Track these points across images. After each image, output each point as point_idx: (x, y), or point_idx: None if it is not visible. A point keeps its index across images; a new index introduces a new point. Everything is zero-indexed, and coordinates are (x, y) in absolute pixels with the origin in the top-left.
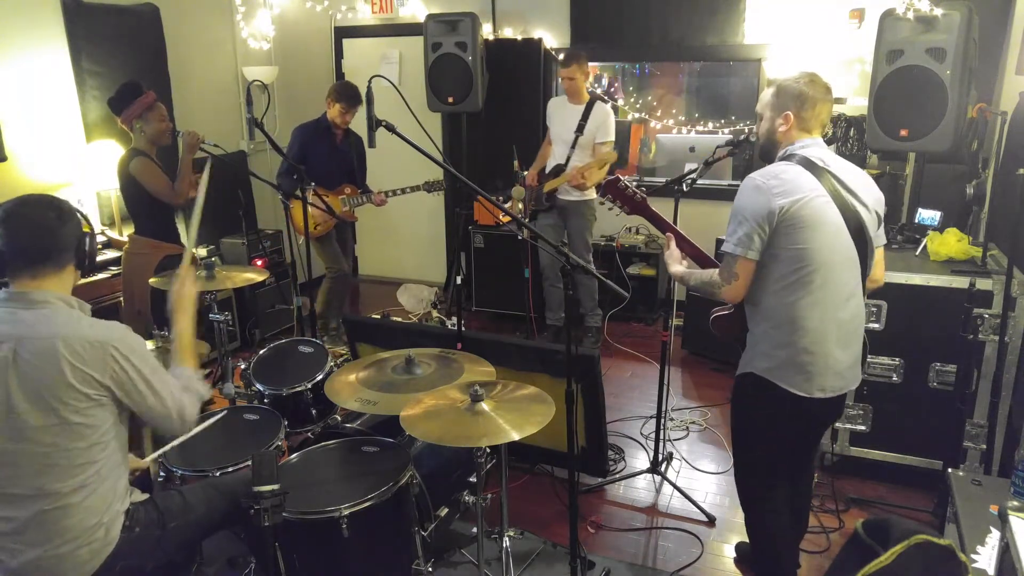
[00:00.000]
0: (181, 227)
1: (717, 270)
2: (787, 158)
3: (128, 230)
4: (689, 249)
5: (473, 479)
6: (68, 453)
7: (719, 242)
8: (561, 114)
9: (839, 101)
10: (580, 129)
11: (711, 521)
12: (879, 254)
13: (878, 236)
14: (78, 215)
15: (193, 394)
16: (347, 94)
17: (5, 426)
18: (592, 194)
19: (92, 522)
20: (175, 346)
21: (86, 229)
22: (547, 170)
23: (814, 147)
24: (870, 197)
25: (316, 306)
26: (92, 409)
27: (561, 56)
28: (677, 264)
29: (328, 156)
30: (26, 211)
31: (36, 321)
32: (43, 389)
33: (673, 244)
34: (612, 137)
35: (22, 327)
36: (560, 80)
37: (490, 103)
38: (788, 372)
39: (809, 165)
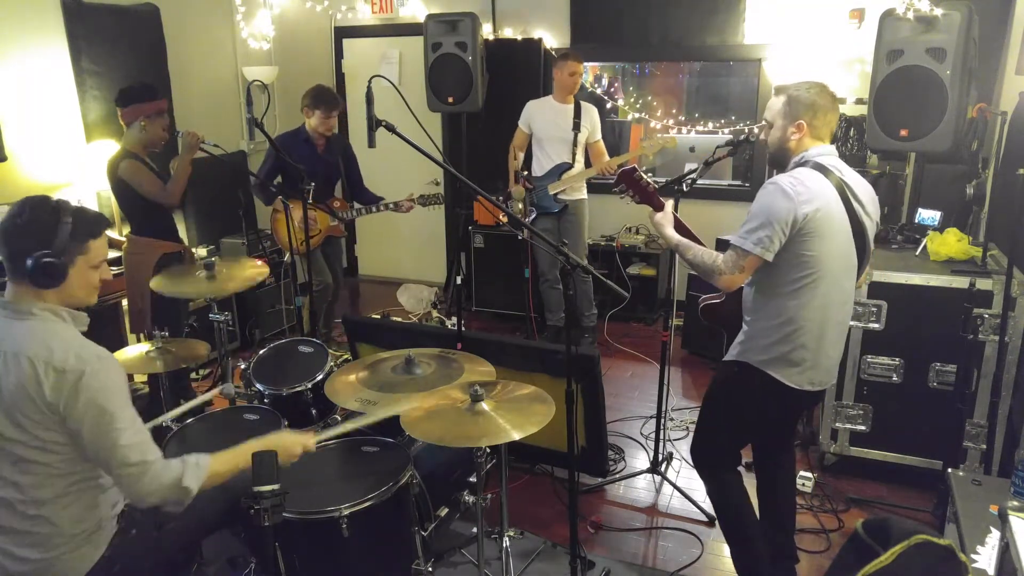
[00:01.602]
0: (180, 226)
1: (719, 254)
2: (802, 164)
3: (128, 229)
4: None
5: (473, 479)
6: (44, 466)
7: (719, 242)
8: (550, 115)
9: (840, 101)
10: (577, 127)
11: (711, 521)
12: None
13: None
14: (64, 231)
15: (169, 480)
16: (323, 99)
17: None
18: (586, 192)
19: (79, 529)
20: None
21: (116, 234)
22: (534, 172)
23: (829, 156)
24: (873, 207)
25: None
26: (60, 428)
27: (568, 53)
28: (671, 227)
29: (310, 168)
30: (18, 211)
31: (18, 333)
32: (13, 404)
33: (668, 208)
34: (600, 135)
35: (5, 339)
36: (566, 77)
37: (490, 103)
38: (783, 365)
39: (825, 173)
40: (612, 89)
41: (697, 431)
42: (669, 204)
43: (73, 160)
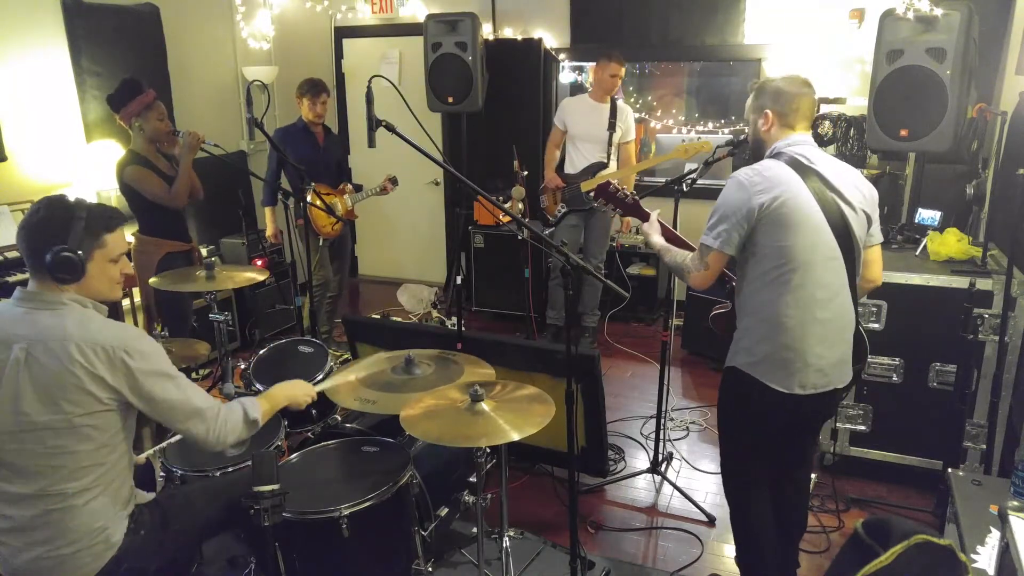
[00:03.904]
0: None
1: (690, 254)
2: (775, 156)
3: (130, 229)
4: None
5: (473, 479)
6: (74, 455)
7: None
8: (585, 113)
9: (839, 101)
10: (612, 127)
11: (711, 521)
12: (875, 253)
13: (871, 236)
14: (79, 226)
15: (239, 418)
16: (309, 86)
17: (12, 426)
18: None
19: (96, 525)
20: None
21: (130, 234)
22: (567, 170)
23: (802, 145)
24: (857, 196)
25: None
26: (101, 412)
27: (612, 53)
28: (657, 235)
29: (316, 156)
30: (35, 209)
31: (50, 322)
32: (54, 391)
33: (654, 217)
34: (633, 136)
35: (37, 328)
36: (606, 78)
37: (490, 103)
38: (769, 368)
39: (795, 164)
40: None
41: (719, 447)
42: (655, 213)
43: (73, 160)
